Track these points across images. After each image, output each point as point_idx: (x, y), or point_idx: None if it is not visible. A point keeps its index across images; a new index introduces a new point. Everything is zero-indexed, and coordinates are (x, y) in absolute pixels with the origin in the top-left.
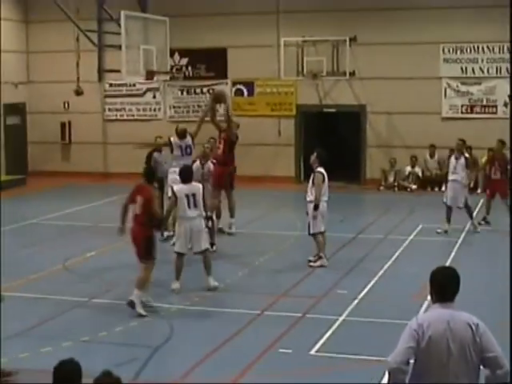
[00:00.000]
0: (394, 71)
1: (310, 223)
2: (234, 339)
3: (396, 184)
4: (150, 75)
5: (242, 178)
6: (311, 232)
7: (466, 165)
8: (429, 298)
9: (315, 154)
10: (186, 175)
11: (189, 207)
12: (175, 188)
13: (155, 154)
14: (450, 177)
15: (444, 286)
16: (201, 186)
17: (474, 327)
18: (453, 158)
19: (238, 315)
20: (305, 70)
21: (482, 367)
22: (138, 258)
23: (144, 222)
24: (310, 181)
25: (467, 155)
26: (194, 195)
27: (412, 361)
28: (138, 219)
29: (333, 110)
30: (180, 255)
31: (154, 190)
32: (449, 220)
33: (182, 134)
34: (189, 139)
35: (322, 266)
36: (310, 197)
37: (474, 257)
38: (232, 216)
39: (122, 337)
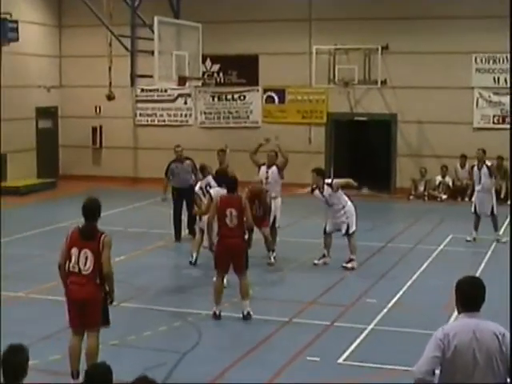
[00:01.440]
0: (426, 80)
1: (350, 222)
2: (261, 346)
3: (426, 193)
4: (181, 81)
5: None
6: (351, 231)
7: (490, 173)
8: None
9: (315, 173)
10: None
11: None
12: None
13: (172, 166)
14: (476, 187)
15: (470, 295)
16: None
17: (500, 337)
18: (475, 169)
19: (266, 322)
20: (336, 78)
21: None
22: (237, 272)
23: (243, 234)
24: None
25: (489, 163)
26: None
27: (438, 371)
28: (235, 232)
29: (364, 119)
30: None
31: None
32: (476, 228)
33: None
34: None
35: (353, 268)
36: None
37: (504, 268)
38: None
39: (150, 341)
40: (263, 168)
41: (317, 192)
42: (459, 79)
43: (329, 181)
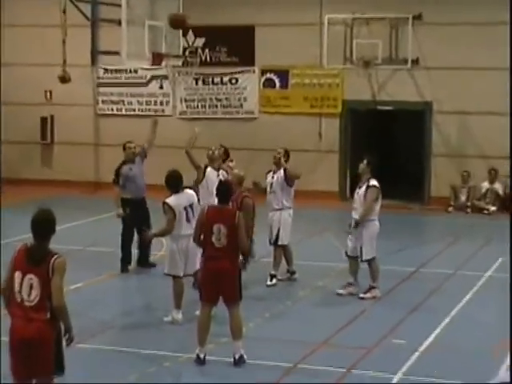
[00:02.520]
0: (470, 59)
1: (364, 246)
2: None
3: (469, 204)
4: (156, 59)
5: None
6: (366, 258)
7: None
8: None
9: (366, 161)
10: (175, 182)
11: (187, 221)
12: (171, 202)
13: (125, 169)
14: None
15: None
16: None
17: None
18: None
19: (263, 369)
20: (354, 57)
21: None
22: (227, 303)
23: (234, 257)
24: (358, 196)
25: None
26: (191, 206)
27: None
28: (223, 254)
29: (389, 108)
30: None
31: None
32: None
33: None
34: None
35: (375, 297)
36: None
37: None
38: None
39: None
40: (270, 173)
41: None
42: (506, 57)
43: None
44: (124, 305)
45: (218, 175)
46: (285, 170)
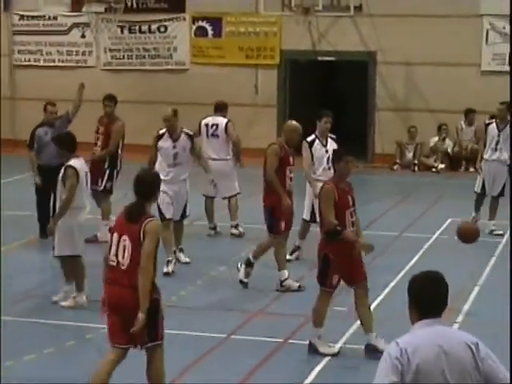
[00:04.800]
0: (416, 6)
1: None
2: (190, 371)
3: (417, 162)
4: (76, 4)
5: None
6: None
7: None
8: (460, 317)
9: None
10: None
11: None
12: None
13: (40, 132)
14: (490, 155)
15: (428, 296)
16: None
17: (473, 348)
18: (494, 129)
19: (196, 340)
20: (293, 3)
21: None
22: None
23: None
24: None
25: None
26: (86, 174)
27: None
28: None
29: (331, 59)
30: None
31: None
32: (478, 209)
33: None
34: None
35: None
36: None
37: None
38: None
39: (34, 368)
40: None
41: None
42: (462, 3)
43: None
44: (44, 274)
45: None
46: (188, 135)
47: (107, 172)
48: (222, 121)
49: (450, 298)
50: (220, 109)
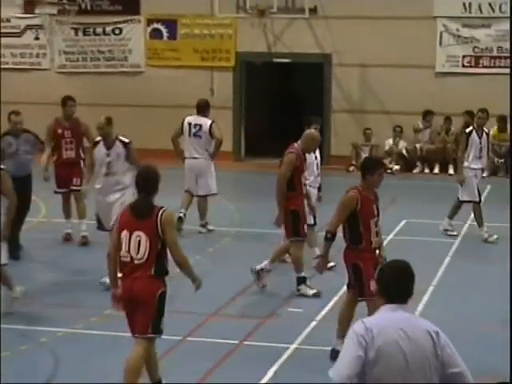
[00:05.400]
0: (371, 8)
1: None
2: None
3: None
4: (29, 6)
5: (161, 152)
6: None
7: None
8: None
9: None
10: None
11: None
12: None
13: (3, 142)
14: (475, 163)
15: (396, 284)
16: None
17: (434, 336)
18: (476, 137)
19: None
20: (248, 5)
21: None
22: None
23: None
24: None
25: (487, 130)
26: None
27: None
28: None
29: (286, 61)
30: None
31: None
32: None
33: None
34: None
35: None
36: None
37: (475, 265)
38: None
39: None
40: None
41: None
42: (416, 6)
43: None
44: None
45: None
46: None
47: (83, 172)
48: (205, 122)
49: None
50: (202, 109)
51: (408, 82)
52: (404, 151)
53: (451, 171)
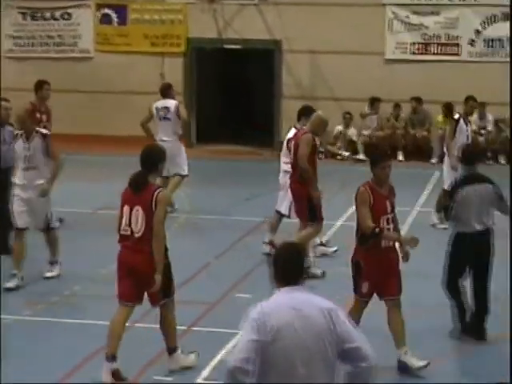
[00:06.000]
0: None
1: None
2: (93, 360)
3: (323, 150)
4: None
5: (112, 139)
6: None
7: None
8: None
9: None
10: None
11: None
12: None
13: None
14: (455, 151)
15: (285, 266)
16: None
17: (327, 313)
18: (464, 125)
19: (98, 328)
20: None
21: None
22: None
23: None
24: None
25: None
26: None
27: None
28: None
29: (237, 47)
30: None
31: None
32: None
33: None
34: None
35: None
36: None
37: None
38: None
39: None
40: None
41: None
42: None
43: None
44: None
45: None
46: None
47: None
48: (172, 103)
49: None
50: (166, 92)
51: (358, 69)
52: (354, 137)
53: (400, 157)
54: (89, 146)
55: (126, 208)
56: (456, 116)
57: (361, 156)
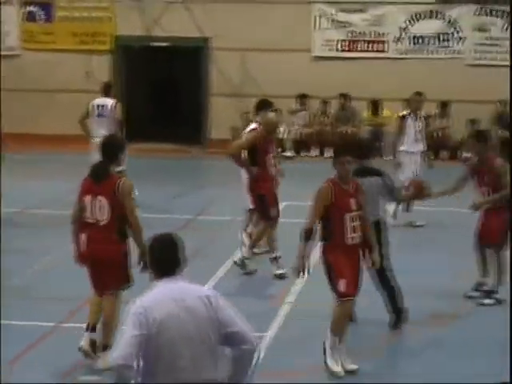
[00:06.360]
0: None
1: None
2: (18, 362)
3: None
4: None
5: (38, 138)
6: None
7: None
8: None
9: None
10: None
11: None
12: None
13: None
14: (413, 147)
15: (159, 257)
16: None
17: (206, 300)
18: (412, 121)
19: (23, 329)
20: None
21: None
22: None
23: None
24: None
25: (424, 114)
26: None
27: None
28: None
29: (164, 44)
30: None
31: None
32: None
33: None
34: None
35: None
36: None
37: None
38: None
39: None
40: None
41: None
42: None
43: None
44: None
45: None
46: None
47: None
48: (109, 102)
49: (280, 284)
50: (106, 90)
51: (285, 66)
52: (284, 135)
53: (329, 154)
54: (15, 145)
55: (88, 198)
56: (404, 113)
57: (288, 153)
